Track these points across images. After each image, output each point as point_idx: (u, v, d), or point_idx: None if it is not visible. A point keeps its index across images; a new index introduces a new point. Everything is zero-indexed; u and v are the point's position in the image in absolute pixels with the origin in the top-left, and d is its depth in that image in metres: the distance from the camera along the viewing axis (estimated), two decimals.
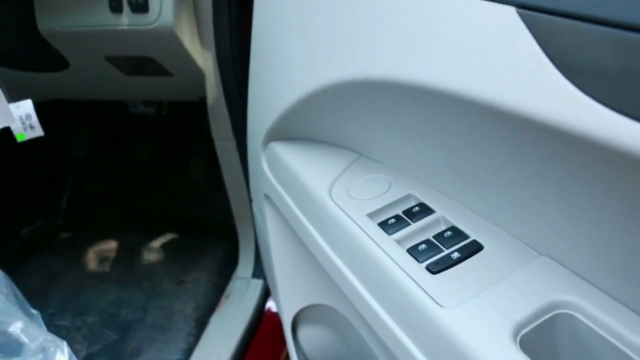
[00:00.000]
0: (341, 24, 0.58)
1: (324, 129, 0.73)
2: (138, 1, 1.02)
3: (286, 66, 0.71)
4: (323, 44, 0.62)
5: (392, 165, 0.67)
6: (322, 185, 0.67)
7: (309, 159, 0.73)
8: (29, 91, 1.02)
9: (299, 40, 0.67)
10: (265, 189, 0.84)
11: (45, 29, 1.13)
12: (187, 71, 1.17)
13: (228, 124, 1.20)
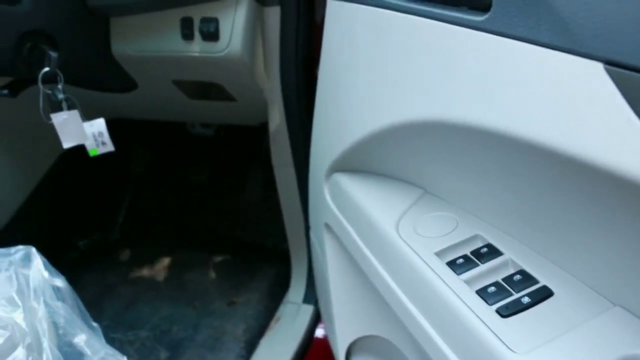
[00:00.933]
0: (418, 64, 0.59)
1: (390, 164, 0.74)
2: (209, 30, 1.05)
3: (355, 101, 0.72)
4: (396, 82, 0.63)
5: (458, 204, 0.67)
6: (388, 220, 0.68)
7: (375, 193, 0.74)
8: (97, 109, 1.07)
9: (370, 76, 0.69)
10: (327, 219, 0.85)
11: (118, 53, 1.17)
12: (250, 98, 1.20)
13: (288, 151, 1.23)
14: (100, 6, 1.12)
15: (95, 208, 1.87)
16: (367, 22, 0.69)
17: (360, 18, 0.71)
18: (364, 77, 0.70)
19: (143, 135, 1.88)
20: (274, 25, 1.08)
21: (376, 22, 0.67)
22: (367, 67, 0.70)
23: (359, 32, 0.71)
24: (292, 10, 1.05)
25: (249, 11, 1.04)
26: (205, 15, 1.06)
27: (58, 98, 1.02)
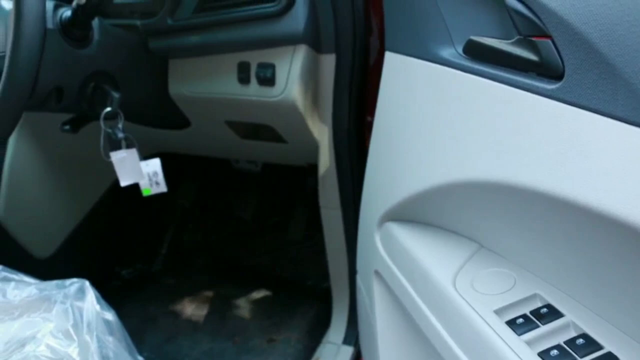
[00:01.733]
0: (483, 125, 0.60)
1: (446, 218, 0.75)
2: (266, 75, 1.08)
3: (413, 154, 0.74)
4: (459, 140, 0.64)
5: (516, 261, 0.68)
6: (445, 274, 0.69)
7: (429, 245, 0.75)
8: (149, 144, 1.10)
9: (430, 131, 0.70)
10: (377, 266, 0.86)
11: (175, 93, 1.21)
12: (301, 140, 1.23)
13: (337, 194, 1.24)
14: (160, 48, 1.16)
15: (140, 238, 1.90)
16: (428, 78, 0.70)
17: (421, 73, 0.72)
18: (423, 131, 0.72)
19: (190, 168, 1.92)
20: (328, 71, 1.10)
21: (439, 78, 0.68)
22: (427, 121, 0.71)
23: (419, 87, 0.73)
24: (347, 58, 1.07)
25: (306, 58, 1.07)
26: (262, 60, 1.09)
27: (118, 137, 1.05)
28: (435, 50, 0.69)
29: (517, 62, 0.57)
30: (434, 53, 0.69)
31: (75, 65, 1.00)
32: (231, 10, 1.07)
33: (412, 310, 0.75)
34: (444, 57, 0.67)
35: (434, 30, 0.70)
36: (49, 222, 1.59)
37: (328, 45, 1.07)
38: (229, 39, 1.09)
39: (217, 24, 1.09)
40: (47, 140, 1.47)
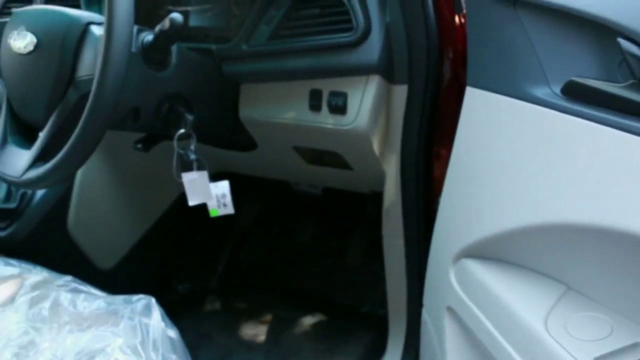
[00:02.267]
0: (586, 168, 0.59)
1: (533, 258, 0.73)
2: (337, 104, 1.09)
3: (501, 192, 0.72)
4: (556, 181, 0.63)
5: (610, 305, 0.66)
6: (535, 315, 0.67)
7: (515, 285, 0.73)
8: (213, 163, 1.12)
9: (521, 170, 0.69)
10: (450, 302, 0.85)
11: (245, 116, 1.23)
12: (368, 168, 1.23)
13: (401, 224, 1.24)
14: (234, 73, 1.18)
15: (198, 254, 1.93)
16: (521, 117, 0.70)
17: (511, 111, 0.71)
18: (511, 170, 0.71)
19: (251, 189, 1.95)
20: (399, 102, 1.10)
21: (533, 118, 0.67)
22: (517, 161, 0.70)
23: (508, 125, 0.72)
24: (420, 89, 1.07)
25: (378, 88, 1.07)
26: (335, 89, 1.10)
27: (190, 158, 1.08)
28: (528, 89, 0.68)
29: (631, 107, 0.56)
30: (527, 92, 0.68)
31: (153, 87, 1.03)
32: (305, 38, 1.09)
33: (494, 350, 0.73)
34: (539, 96, 0.67)
35: (527, 68, 0.69)
36: (113, 234, 1.63)
37: (401, 76, 1.08)
38: (302, 66, 1.10)
39: (291, 51, 1.10)
40: (117, 156, 1.52)
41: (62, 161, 0.91)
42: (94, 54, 0.91)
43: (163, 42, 0.97)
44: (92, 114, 0.86)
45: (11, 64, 1.01)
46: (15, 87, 1.02)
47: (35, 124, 1.04)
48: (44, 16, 0.99)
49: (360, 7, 1.04)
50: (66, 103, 0.95)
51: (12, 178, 1.00)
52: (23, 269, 1.18)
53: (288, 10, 1.10)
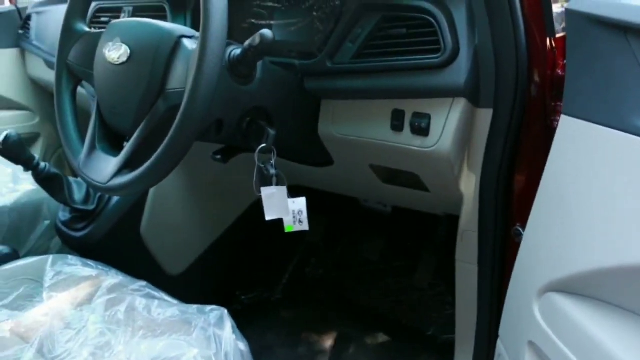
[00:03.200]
0: None
1: (631, 299, 0.70)
2: (421, 125, 1.08)
3: (603, 226, 0.69)
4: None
5: None
6: (631, 357, 0.64)
7: (608, 324, 0.70)
8: (287, 177, 1.12)
9: (625, 204, 0.66)
10: (533, 337, 0.82)
11: (324, 133, 1.23)
12: (445, 191, 1.21)
13: (475, 249, 1.21)
14: (316, 89, 1.19)
15: (264, 265, 1.94)
16: (624, 149, 0.67)
17: (619, 144, 0.68)
18: (611, 206, 0.68)
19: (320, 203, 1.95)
20: (483, 125, 1.08)
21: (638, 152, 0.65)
22: (615, 196, 0.67)
23: (615, 158, 0.69)
24: (505, 114, 1.05)
25: (463, 111, 1.05)
26: (418, 110, 1.09)
27: (270, 173, 1.08)
28: (636, 122, 0.65)
29: None
30: (635, 125, 0.65)
31: (237, 101, 1.04)
32: (391, 58, 1.08)
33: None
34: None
35: (637, 101, 0.66)
36: (183, 242, 1.66)
37: (486, 100, 1.06)
38: (386, 86, 1.10)
39: (375, 70, 1.10)
40: (192, 165, 1.54)
41: (149, 170, 0.93)
42: (186, 67, 0.92)
43: (251, 57, 0.98)
44: (182, 126, 0.87)
45: (104, 73, 1.04)
46: (107, 95, 1.05)
47: (122, 132, 1.07)
48: (138, 29, 1.01)
49: (449, 28, 1.03)
50: (155, 113, 0.97)
51: (98, 184, 1.02)
52: (100, 271, 1.21)
53: (374, 29, 1.10)
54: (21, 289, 1.16)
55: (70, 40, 1.15)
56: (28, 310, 1.10)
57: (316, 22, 1.20)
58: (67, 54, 1.15)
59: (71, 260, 1.25)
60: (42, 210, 1.69)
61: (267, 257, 1.95)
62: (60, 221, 1.52)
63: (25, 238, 1.66)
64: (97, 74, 1.07)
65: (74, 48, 1.15)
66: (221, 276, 1.83)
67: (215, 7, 0.87)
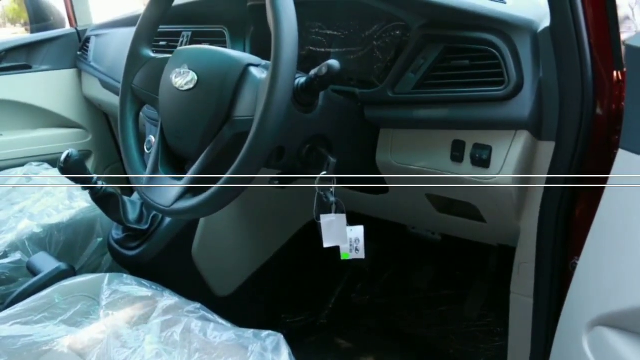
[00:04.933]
0: None
1: None
2: (481, 157, 1.07)
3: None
4: None
5: None
6: None
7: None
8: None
9: None
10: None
11: (381, 161, 1.24)
12: (502, 222, 1.20)
13: (532, 282, 1.20)
14: (376, 118, 1.19)
15: (310, 289, 1.94)
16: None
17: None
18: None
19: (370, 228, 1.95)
20: (545, 158, 1.07)
21: None
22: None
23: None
24: (568, 147, 1.03)
25: (525, 144, 1.05)
26: (479, 141, 1.09)
27: (329, 200, 1.08)
28: None
29: None
30: None
31: (299, 129, 1.05)
32: (453, 89, 1.08)
33: None
34: None
35: None
36: (233, 264, 1.67)
37: (549, 133, 1.05)
38: (448, 117, 1.10)
39: (437, 101, 1.10)
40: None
41: (213, 197, 0.94)
42: (254, 96, 0.93)
43: (316, 87, 0.99)
44: (249, 154, 0.88)
45: (170, 98, 1.06)
46: (172, 120, 1.07)
47: (186, 156, 1.09)
48: (205, 56, 1.03)
49: (513, 60, 1.02)
50: (220, 139, 0.99)
51: (162, 207, 1.04)
52: (155, 292, 1.23)
53: (436, 59, 1.10)
54: (78, 305, 1.18)
55: (136, 65, 1.18)
56: (85, 327, 1.12)
57: (376, 51, 1.21)
58: (133, 78, 1.18)
59: (127, 280, 1.26)
60: (95, 227, 1.73)
61: (314, 282, 1.95)
62: (114, 239, 1.55)
63: (79, 254, 1.70)
64: (162, 99, 1.09)
65: (139, 73, 1.17)
66: (268, 299, 1.83)
67: (288, 38, 0.88)
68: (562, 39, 0.98)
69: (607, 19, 0.99)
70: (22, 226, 1.62)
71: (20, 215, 1.70)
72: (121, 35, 1.99)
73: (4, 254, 1.55)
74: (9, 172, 1.99)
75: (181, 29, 1.59)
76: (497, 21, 1.04)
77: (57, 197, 1.79)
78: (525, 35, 1.03)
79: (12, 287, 1.52)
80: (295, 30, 0.89)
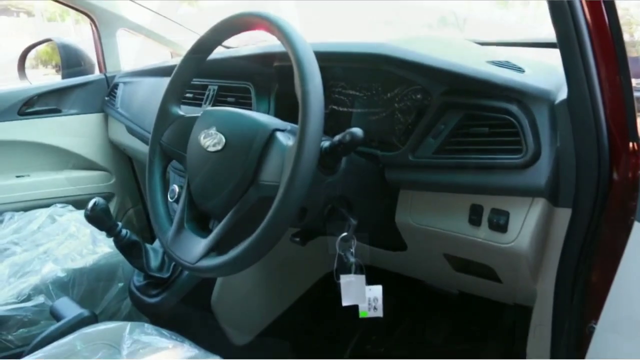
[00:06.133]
0: None
1: None
2: (499, 222, 1.10)
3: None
4: None
5: None
6: None
7: None
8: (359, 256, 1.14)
9: None
10: None
11: (401, 221, 1.26)
12: (518, 284, 1.21)
13: (548, 346, 1.20)
14: (396, 180, 1.22)
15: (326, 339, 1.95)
16: None
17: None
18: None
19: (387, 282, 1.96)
20: (561, 224, 1.09)
21: None
22: None
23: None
24: (584, 215, 1.05)
25: (542, 211, 1.07)
26: (497, 207, 1.11)
27: (350, 261, 1.10)
28: None
29: None
30: None
31: (321, 191, 1.08)
32: (472, 155, 1.11)
33: None
34: None
35: None
36: (251, 314, 1.69)
37: (565, 200, 1.07)
38: (466, 182, 1.12)
39: (456, 166, 1.13)
40: None
41: (238, 258, 0.97)
42: (280, 161, 0.97)
43: (340, 152, 1.02)
44: (275, 220, 0.91)
45: (198, 158, 1.10)
46: (199, 179, 1.11)
47: (212, 214, 1.12)
48: (234, 119, 1.07)
49: (531, 130, 1.05)
50: (245, 201, 1.02)
51: (187, 263, 1.07)
52: (175, 343, 1.24)
53: (456, 126, 1.13)
54: (99, 353, 1.19)
55: (165, 122, 1.22)
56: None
57: (397, 113, 1.24)
58: (161, 134, 1.22)
59: (148, 329, 1.28)
60: (117, 272, 1.76)
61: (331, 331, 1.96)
62: (135, 286, 1.58)
63: (100, 298, 1.73)
64: (190, 158, 1.12)
65: (167, 130, 1.21)
66: (285, 348, 1.84)
67: (314, 108, 0.91)
68: (579, 110, 1.01)
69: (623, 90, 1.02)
70: (47, 270, 1.65)
71: (44, 257, 1.73)
72: (148, 84, 2.05)
73: (28, 296, 1.59)
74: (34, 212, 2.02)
75: (207, 82, 1.64)
76: (516, 91, 1.07)
77: (80, 240, 1.82)
78: (543, 105, 1.06)
79: (33, 329, 1.55)
80: (322, 101, 0.93)
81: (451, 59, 1.15)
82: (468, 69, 1.12)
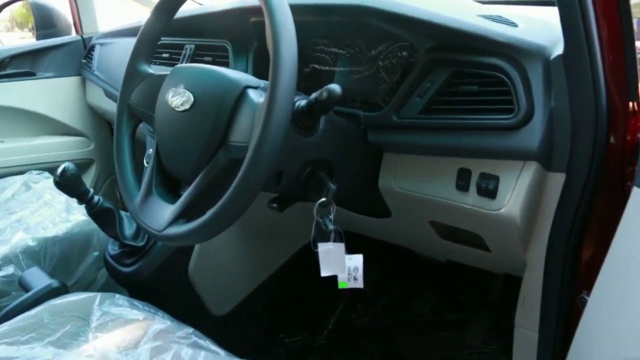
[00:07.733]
0: None
1: None
2: (488, 187, 1.03)
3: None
4: None
5: None
6: None
7: None
8: (342, 223, 1.07)
9: None
10: None
11: (384, 186, 1.20)
12: (507, 253, 1.16)
13: (537, 315, 1.15)
14: (380, 142, 1.15)
15: (309, 310, 1.90)
16: None
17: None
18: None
19: (373, 249, 1.91)
20: (554, 190, 1.02)
21: None
22: None
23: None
24: (579, 180, 0.98)
25: (534, 175, 1.00)
26: (486, 171, 1.04)
27: (328, 228, 1.04)
28: None
29: None
30: None
31: (298, 153, 1.01)
32: (460, 116, 1.04)
33: None
34: None
35: None
36: (230, 283, 1.64)
37: (559, 164, 1.00)
38: (454, 144, 1.05)
39: (443, 127, 1.06)
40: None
41: (206, 224, 0.90)
42: (250, 120, 0.89)
43: (316, 111, 0.94)
44: (244, 182, 0.85)
45: (166, 119, 1.02)
46: (167, 141, 1.03)
47: (181, 178, 1.05)
48: (203, 76, 1.00)
49: (524, 88, 0.98)
50: (215, 164, 0.95)
51: (154, 231, 1.00)
52: (147, 314, 1.19)
53: (444, 84, 1.05)
54: (68, 326, 1.14)
55: (133, 81, 1.14)
56: (73, 349, 1.09)
57: (381, 72, 1.17)
58: (130, 94, 1.15)
59: (119, 300, 1.23)
60: (92, 241, 1.69)
61: (314, 301, 1.91)
62: (110, 255, 1.52)
63: (74, 268, 1.66)
64: (158, 118, 1.05)
65: (136, 89, 1.14)
66: (266, 318, 1.80)
67: (286, 61, 0.84)
68: (576, 67, 0.93)
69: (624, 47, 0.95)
70: (17, 239, 1.58)
71: (17, 226, 1.67)
72: (125, 44, 1.96)
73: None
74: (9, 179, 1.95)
75: (184, 41, 1.56)
76: (508, 46, 1.00)
77: (55, 208, 1.76)
78: (537, 61, 0.98)
79: (3, 300, 1.49)
80: (295, 54, 0.86)
81: (439, 11, 1.07)
82: (457, 21, 1.04)
